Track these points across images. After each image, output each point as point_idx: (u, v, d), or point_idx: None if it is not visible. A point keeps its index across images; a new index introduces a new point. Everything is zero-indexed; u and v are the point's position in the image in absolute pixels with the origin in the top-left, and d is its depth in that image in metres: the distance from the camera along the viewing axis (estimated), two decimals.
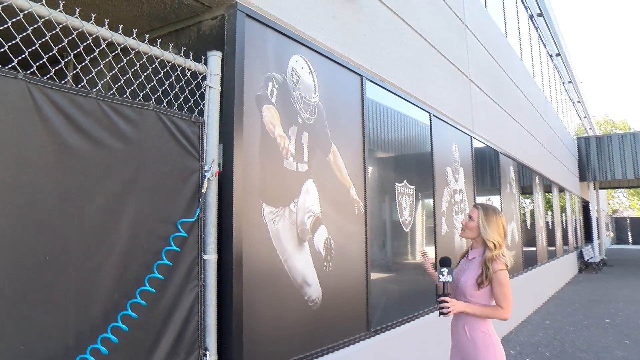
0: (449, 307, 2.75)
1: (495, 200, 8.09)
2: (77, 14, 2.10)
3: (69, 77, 2.13)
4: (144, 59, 2.46)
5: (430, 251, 5.45)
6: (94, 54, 2.28)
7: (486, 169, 7.74)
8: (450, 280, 2.88)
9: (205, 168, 2.57)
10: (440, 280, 2.89)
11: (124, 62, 2.47)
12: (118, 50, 2.33)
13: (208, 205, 2.57)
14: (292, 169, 3.21)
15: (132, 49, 2.34)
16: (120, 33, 2.25)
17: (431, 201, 5.57)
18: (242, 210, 2.76)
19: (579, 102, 23.77)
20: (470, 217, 3.01)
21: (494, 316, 2.82)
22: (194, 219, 2.44)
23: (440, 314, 2.77)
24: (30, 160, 1.82)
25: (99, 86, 2.21)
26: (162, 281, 2.26)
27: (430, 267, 3.35)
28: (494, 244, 2.88)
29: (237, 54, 2.84)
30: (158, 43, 2.55)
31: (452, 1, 6.80)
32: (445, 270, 2.88)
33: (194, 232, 2.46)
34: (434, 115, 5.76)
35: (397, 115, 4.98)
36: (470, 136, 7.00)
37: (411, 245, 5.10)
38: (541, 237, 11.43)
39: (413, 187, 5.11)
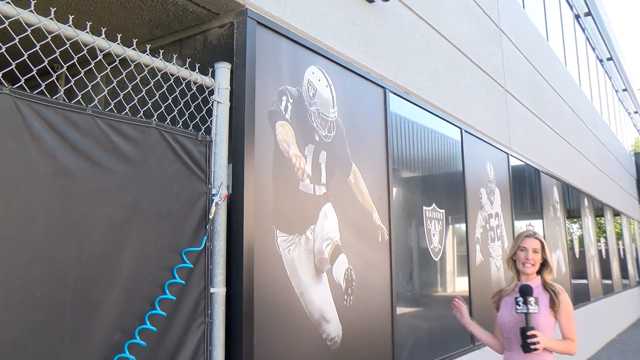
0: (539, 342, 2.75)
1: (536, 225, 8.00)
2: (71, 22, 2.11)
3: (62, 92, 2.15)
4: (145, 72, 2.52)
5: (462, 283, 5.39)
6: (89, 66, 2.30)
7: (525, 190, 7.68)
8: (538, 312, 2.87)
9: (213, 191, 2.59)
10: (524, 311, 2.87)
11: (123, 75, 2.51)
12: (116, 62, 2.36)
13: (216, 233, 2.59)
14: (308, 191, 3.23)
15: (132, 61, 2.37)
16: (118, 43, 2.28)
17: (463, 226, 5.53)
18: (254, 237, 2.77)
19: (636, 112, 23.25)
20: (535, 251, 3.07)
21: (566, 351, 2.83)
22: (200, 248, 2.45)
23: (528, 350, 2.75)
24: (21, 184, 1.81)
25: (95, 101, 2.24)
26: (166, 318, 2.26)
27: (468, 317, 3.35)
28: (551, 266, 2.99)
29: (248, 66, 2.89)
30: (160, 54, 2.60)
31: (485, 3, 6.84)
32: (532, 300, 2.86)
33: (201, 262, 2.47)
34: (465, 131, 5.76)
35: (424, 131, 4.98)
36: (507, 153, 6.97)
37: (441, 276, 5.05)
38: (593, 268, 11.14)
39: (443, 210, 5.08)
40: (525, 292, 2.92)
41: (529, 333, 2.77)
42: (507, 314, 3.05)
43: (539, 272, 3.08)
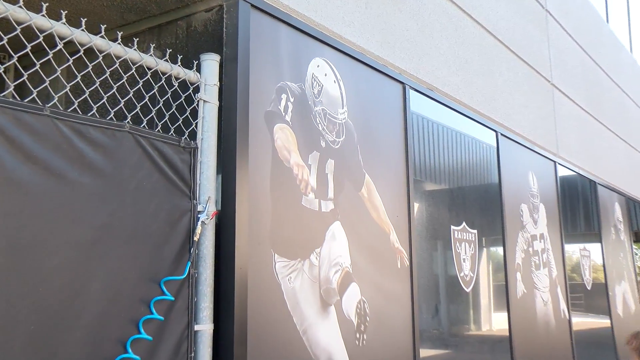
0: None
1: (593, 250, 7.95)
2: (22, 3, 2.10)
3: (11, 88, 2.16)
4: (116, 64, 2.53)
5: (500, 320, 5.38)
6: (46, 57, 2.28)
7: (578, 206, 7.66)
8: None
9: (199, 208, 2.61)
10: None
11: (89, 69, 2.52)
12: (81, 53, 2.37)
13: (202, 258, 2.60)
14: (313, 208, 3.24)
15: (100, 51, 2.39)
16: (83, 29, 2.29)
17: (500, 250, 5.51)
18: (247, 263, 2.79)
19: None
20: None
21: None
22: (183, 277, 2.47)
23: None
24: None
25: (55, 100, 2.25)
26: None
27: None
28: None
29: (241, 58, 2.92)
30: (135, 43, 2.61)
31: None
32: None
33: (184, 294, 2.48)
34: (502, 135, 5.77)
35: (451, 135, 5.00)
36: (554, 162, 6.97)
37: (474, 311, 5.04)
38: None
39: (475, 231, 5.08)
40: None
41: None
42: None
43: None
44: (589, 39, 8.76)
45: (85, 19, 2.45)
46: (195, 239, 2.55)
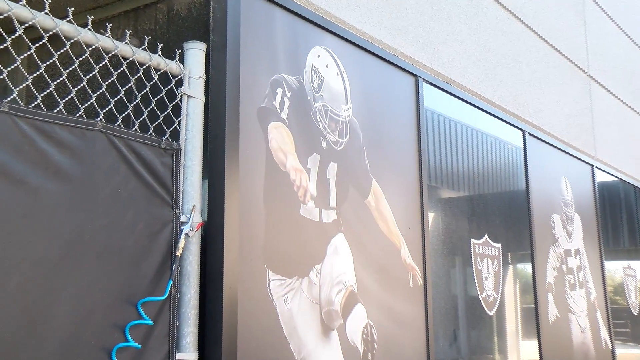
0: None
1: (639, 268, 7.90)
2: None
3: None
4: (87, 54, 2.52)
5: (530, 349, 5.36)
6: (4, 45, 2.23)
7: (620, 217, 7.63)
8: None
9: (182, 218, 2.60)
10: None
11: (55, 58, 2.51)
12: (44, 40, 2.36)
13: (185, 276, 2.59)
14: (312, 218, 3.24)
15: (68, 38, 2.38)
16: (47, 12, 2.28)
17: (529, 267, 5.50)
18: (238, 282, 2.78)
19: None
20: None
21: None
22: (163, 297, 2.45)
23: None
24: None
25: (15, 94, 2.24)
26: None
27: None
28: None
29: (230, 46, 2.91)
30: (108, 29, 2.59)
31: None
32: None
33: (164, 317, 2.46)
34: (529, 134, 5.76)
35: (471, 135, 4.99)
36: (592, 165, 6.96)
37: (499, 338, 5.02)
38: None
39: (499, 245, 5.07)
40: None
41: None
42: None
43: None
44: (634, 22, 8.72)
45: (50, 1, 2.44)
46: (178, 254, 2.54)
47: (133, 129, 2.55)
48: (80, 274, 2.20)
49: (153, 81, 2.78)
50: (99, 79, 2.66)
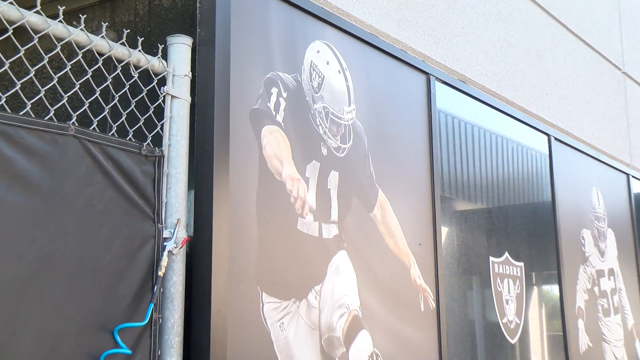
0: None
1: None
2: None
3: None
4: (57, 49, 2.51)
5: None
6: None
7: None
8: None
9: (165, 234, 2.60)
10: None
11: (21, 54, 2.52)
12: (9, 33, 2.35)
13: (169, 299, 2.58)
14: (311, 233, 3.23)
15: (36, 31, 2.36)
16: (11, 2, 2.26)
17: (556, 289, 5.49)
18: (227, 305, 2.77)
19: None
20: None
21: None
22: (143, 323, 2.45)
23: None
24: None
25: None
26: None
27: None
28: None
29: (219, 41, 2.91)
30: (82, 21, 2.59)
31: None
32: None
33: (144, 346, 2.45)
34: (556, 139, 5.76)
35: (489, 139, 4.99)
36: (627, 174, 6.94)
37: None
38: None
39: (521, 264, 5.06)
40: None
41: None
42: None
43: None
44: None
45: None
46: (160, 274, 2.54)
47: (110, 134, 2.55)
48: (49, 296, 2.19)
49: (132, 80, 2.78)
50: (72, 77, 2.66)
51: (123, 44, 2.68)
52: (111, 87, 2.79)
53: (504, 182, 5.10)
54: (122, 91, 2.79)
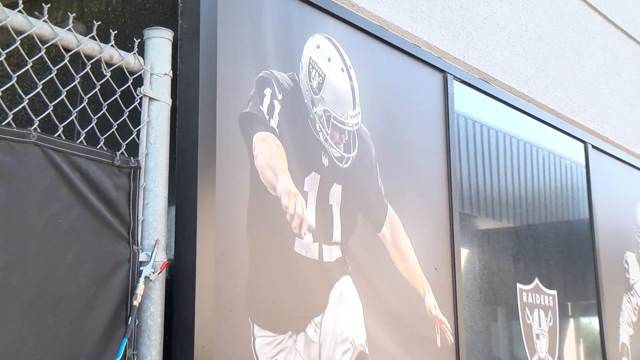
0: None
1: None
2: None
3: None
4: (17, 43, 2.51)
5: None
6: None
7: None
8: None
9: (142, 256, 2.59)
10: None
11: None
12: None
13: (145, 332, 2.58)
14: (310, 256, 3.23)
15: None
16: None
17: (595, 322, 5.47)
18: (213, 340, 2.76)
19: None
20: None
21: None
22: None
23: None
24: None
25: None
26: None
27: None
28: None
29: (204, 34, 2.92)
30: (45, 11, 2.59)
31: None
32: None
33: None
34: (593, 147, 5.75)
35: (515, 147, 4.99)
36: None
37: None
38: None
39: (554, 292, 5.05)
40: None
41: None
42: None
43: None
44: None
45: None
46: (136, 303, 2.53)
47: (78, 141, 2.54)
48: (5, 329, 2.19)
49: (104, 79, 2.77)
50: (33, 76, 2.66)
51: (93, 37, 2.68)
52: (79, 88, 2.78)
53: (533, 197, 5.10)
54: (92, 92, 2.78)
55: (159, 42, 2.82)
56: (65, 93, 2.72)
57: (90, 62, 2.70)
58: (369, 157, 3.65)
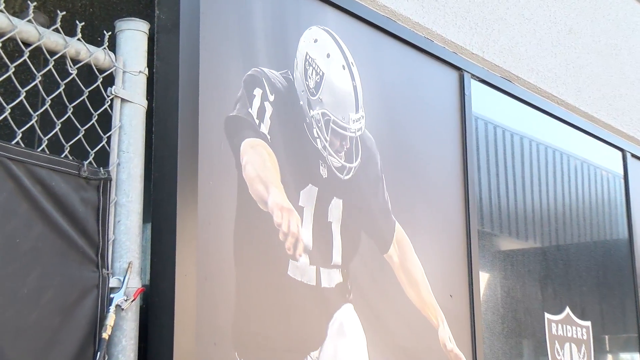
0: None
1: None
2: None
3: None
4: None
5: None
6: None
7: None
8: None
9: (112, 282, 2.60)
10: None
11: None
12: None
13: None
14: (306, 281, 3.24)
15: None
16: None
17: (637, 358, 5.47)
18: None
19: None
20: None
21: None
22: None
23: None
24: None
25: None
26: None
27: None
28: None
29: (185, 27, 2.93)
30: (1, 2, 2.62)
31: None
32: None
33: None
34: (633, 155, 5.76)
35: (543, 155, 5.00)
36: None
37: None
38: None
39: (588, 324, 5.05)
40: None
41: None
42: None
43: None
44: None
45: None
46: (105, 336, 2.54)
47: (39, 149, 2.55)
48: None
49: (70, 77, 2.78)
50: None
51: (57, 30, 2.69)
52: (40, 88, 2.79)
53: (564, 213, 5.11)
54: (56, 93, 2.79)
55: (133, 35, 2.83)
56: (24, 94, 2.72)
57: (54, 58, 2.70)
58: (374, 167, 3.66)
